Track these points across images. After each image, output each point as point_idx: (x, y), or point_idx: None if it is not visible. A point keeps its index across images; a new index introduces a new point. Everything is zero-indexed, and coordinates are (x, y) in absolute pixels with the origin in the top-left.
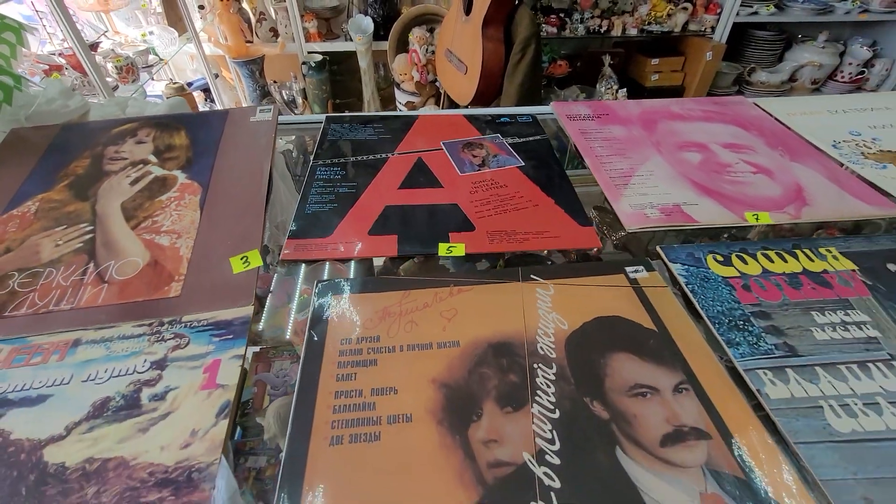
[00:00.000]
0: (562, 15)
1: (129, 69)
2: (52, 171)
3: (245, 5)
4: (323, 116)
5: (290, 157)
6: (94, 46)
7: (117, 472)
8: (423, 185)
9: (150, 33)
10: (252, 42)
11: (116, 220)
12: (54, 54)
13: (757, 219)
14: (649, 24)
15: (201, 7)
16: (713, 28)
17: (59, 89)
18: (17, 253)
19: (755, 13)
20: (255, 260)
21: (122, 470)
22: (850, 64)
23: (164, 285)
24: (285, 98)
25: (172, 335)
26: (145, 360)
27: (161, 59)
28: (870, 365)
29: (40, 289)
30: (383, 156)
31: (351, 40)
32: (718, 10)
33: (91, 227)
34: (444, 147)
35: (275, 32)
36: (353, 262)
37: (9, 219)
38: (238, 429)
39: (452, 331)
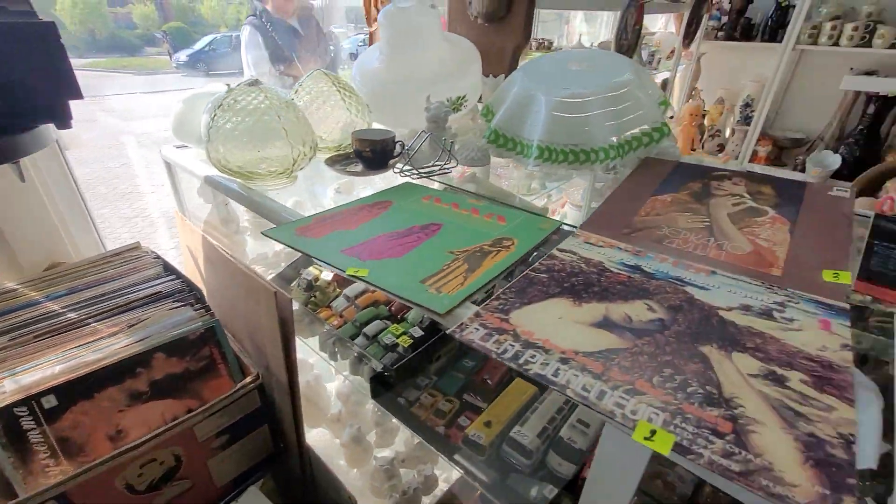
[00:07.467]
0: None
1: None
2: (676, 184)
3: (706, 122)
4: None
5: None
6: None
7: (768, 342)
8: None
9: None
10: (695, 150)
11: (726, 221)
12: None
13: None
14: None
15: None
16: None
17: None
18: (663, 217)
19: None
20: (846, 278)
21: (772, 342)
22: None
23: (767, 266)
24: None
25: (785, 295)
26: (767, 298)
27: None
28: None
29: (681, 239)
30: None
31: (803, 171)
32: None
33: (707, 220)
34: None
35: (721, 148)
36: None
37: (654, 201)
38: None
39: None
